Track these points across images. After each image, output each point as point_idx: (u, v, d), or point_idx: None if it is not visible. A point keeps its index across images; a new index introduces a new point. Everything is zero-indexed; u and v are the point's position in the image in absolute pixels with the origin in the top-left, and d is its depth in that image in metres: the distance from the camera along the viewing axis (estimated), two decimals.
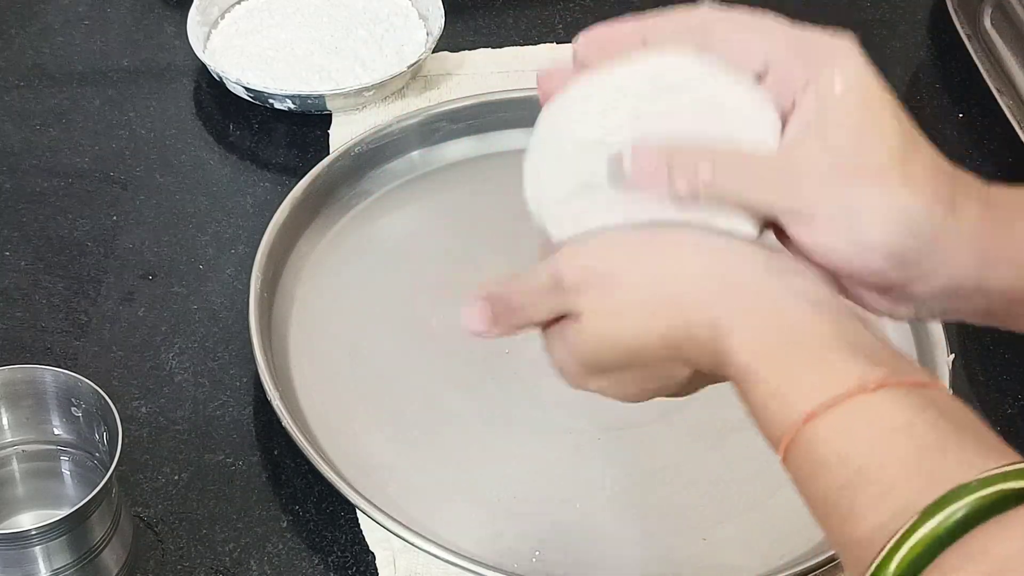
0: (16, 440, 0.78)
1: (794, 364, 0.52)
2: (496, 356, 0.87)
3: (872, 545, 0.47)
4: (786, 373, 0.52)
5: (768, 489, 0.82)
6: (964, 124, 1.08)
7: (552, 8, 1.14)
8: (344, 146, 0.97)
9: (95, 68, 1.06)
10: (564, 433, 0.84)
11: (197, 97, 1.05)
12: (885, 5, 1.17)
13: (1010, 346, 0.91)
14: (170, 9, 1.11)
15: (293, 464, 0.82)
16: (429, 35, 1.06)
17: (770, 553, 0.79)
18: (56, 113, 1.03)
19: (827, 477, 0.50)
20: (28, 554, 0.71)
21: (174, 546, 0.78)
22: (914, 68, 1.13)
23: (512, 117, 1.00)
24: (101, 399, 0.74)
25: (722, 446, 0.84)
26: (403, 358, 0.88)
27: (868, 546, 0.48)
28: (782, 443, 0.51)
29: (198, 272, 0.93)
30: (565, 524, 0.81)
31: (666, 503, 0.82)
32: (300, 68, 1.03)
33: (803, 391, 0.51)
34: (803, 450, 0.51)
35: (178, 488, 0.81)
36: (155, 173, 0.99)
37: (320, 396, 0.85)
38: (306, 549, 0.79)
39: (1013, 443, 0.49)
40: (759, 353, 0.53)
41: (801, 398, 0.51)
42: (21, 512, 0.78)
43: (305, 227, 0.94)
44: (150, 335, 0.89)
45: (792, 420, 0.51)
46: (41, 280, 0.92)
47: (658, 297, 0.55)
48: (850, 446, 0.50)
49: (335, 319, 0.90)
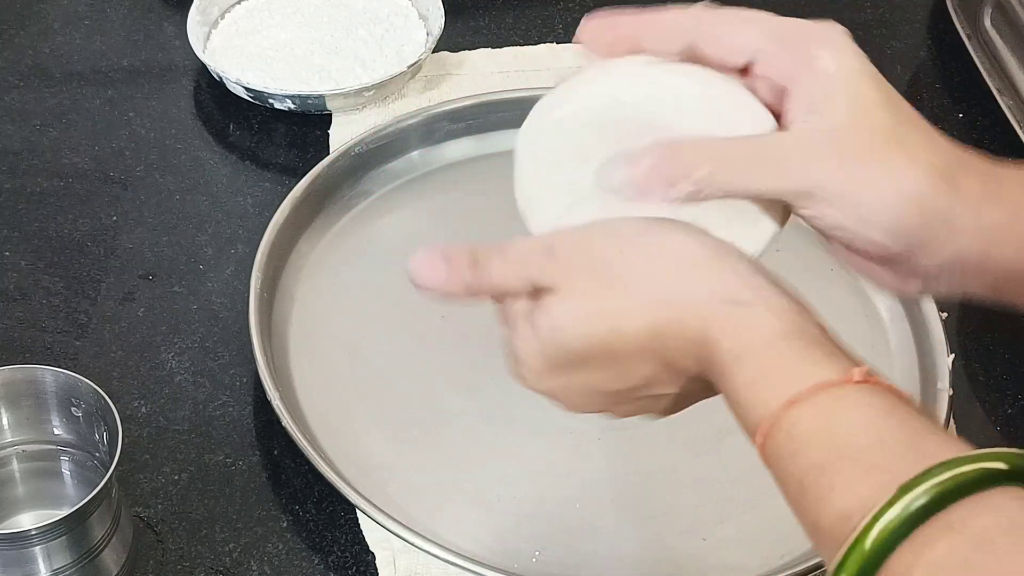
0: (16, 440, 0.78)
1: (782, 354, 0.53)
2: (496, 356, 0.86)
3: (850, 520, 0.48)
4: (773, 362, 0.53)
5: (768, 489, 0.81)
6: (964, 124, 1.08)
7: (552, 8, 1.14)
8: (344, 146, 0.97)
9: (95, 68, 1.06)
10: (564, 433, 0.84)
11: (197, 97, 1.05)
12: (885, 5, 1.17)
13: (1010, 346, 0.91)
14: (170, 9, 1.11)
15: (293, 464, 0.82)
16: (429, 35, 1.06)
17: (770, 553, 0.79)
18: (56, 113, 1.03)
19: (807, 456, 0.51)
20: (28, 554, 0.71)
21: (174, 546, 0.78)
22: (914, 68, 1.13)
23: (512, 117, 1.00)
24: (101, 399, 0.74)
25: (722, 446, 0.84)
26: (403, 358, 0.88)
27: (845, 521, 0.48)
28: (762, 426, 0.52)
29: (198, 272, 0.93)
30: (565, 524, 0.81)
31: (666, 503, 0.82)
32: (300, 68, 1.03)
33: (788, 378, 0.52)
34: (784, 432, 0.52)
35: (178, 488, 0.81)
36: (155, 173, 0.99)
37: (320, 396, 0.85)
38: (306, 549, 0.79)
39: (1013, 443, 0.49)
40: (747, 343, 0.54)
41: (786, 384, 0.52)
42: (21, 512, 0.78)
43: (305, 227, 0.94)
44: (150, 335, 0.89)
45: (777, 403, 0.52)
46: (41, 280, 0.92)
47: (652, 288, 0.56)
48: (833, 427, 0.51)
49: (335, 319, 0.90)
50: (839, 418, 0.51)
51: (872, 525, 0.47)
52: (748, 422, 0.53)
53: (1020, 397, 0.89)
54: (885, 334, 0.91)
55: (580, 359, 0.57)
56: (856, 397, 0.51)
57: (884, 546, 0.47)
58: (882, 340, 0.90)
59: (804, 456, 0.51)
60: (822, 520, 0.50)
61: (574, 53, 1.08)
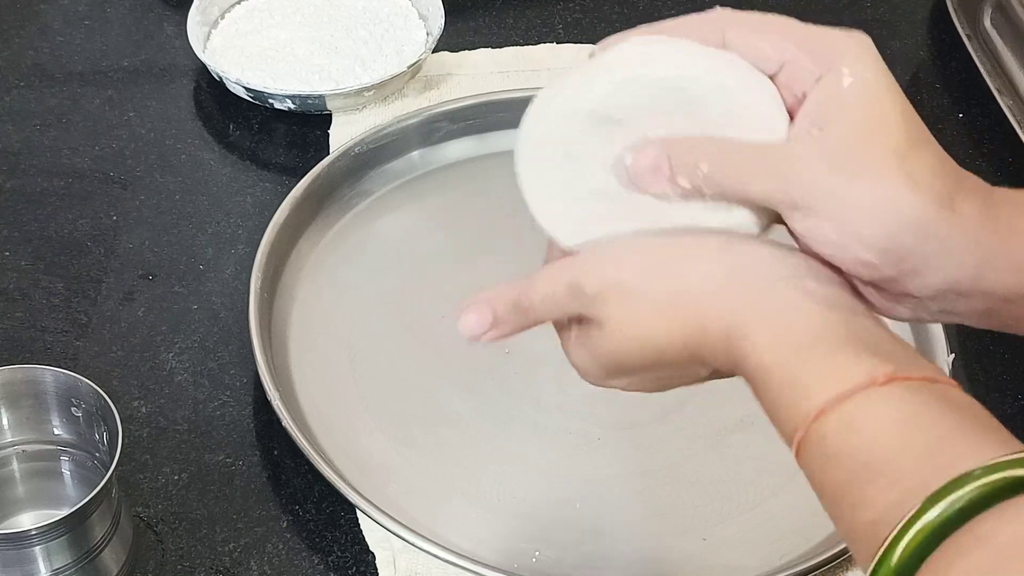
0: (16, 440, 0.78)
1: (806, 363, 0.53)
2: (496, 356, 0.87)
3: (879, 532, 0.48)
4: (797, 373, 0.53)
5: (768, 489, 0.82)
6: (964, 124, 1.08)
7: (552, 8, 1.14)
8: (344, 146, 0.97)
9: (95, 68, 1.06)
10: (564, 433, 0.84)
11: (197, 97, 1.05)
12: (885, 5, 1.17)
13: (1010, 346, 0.91)
14: (170, 9, 1.11)
15: (293, 464, 0.82)
16: (429, 35, 1.06)
17: (770, 553, 0.79)
18: (56, 113, 1.03)
19: (837, 470, 0.51)
20: (28, 554, 0.71)
21: (174, 546, 0.78)
22: (914, 68, 1.13)
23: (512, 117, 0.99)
24: (101, 399, 0.74)
25: (722, 446, 0.84)
26: (403, 358, 0.88)
27: (876, 533, 0.48)
28: (795, 440, 0.52)
29: (198, 272, 0.93)
30: (565, 524, 0.81)
31: (666, 503, 0.82)
32: (300, 68, 1.03)
33: (813, 389, 0.52)
34: (814, 445, 0.51)
35: (178, 488, 0.81)
36: (155, 173, 0.99)
37: (320, 396, 0.85)
38: (306, 549, 0.79)
39: None
40: (772, 354, 0.53)
41: (811, 396, 0.52)
42: (21, 512, 0.78)
43: (305, 227, 0.94)
44: (150, 335, 0.89)
45: (803, 417, 0.52)
46: (41, 280, 0.92)
47: (677, 303, 0.56)
48: (858, 439, 0.50)
49: (335, 319, 0.90)
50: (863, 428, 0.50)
51: (900, 538, 0.47)
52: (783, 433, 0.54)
53: (1020, 397, 0.89)
54: None
55: (639, 369, 0.59)
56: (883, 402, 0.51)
57: (912, 558, 0.47)
58: None
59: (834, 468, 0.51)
60: (855, 532, 0.50)
61: (574, 53, 1.08)
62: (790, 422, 0.53)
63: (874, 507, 0.49)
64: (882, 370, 0.51)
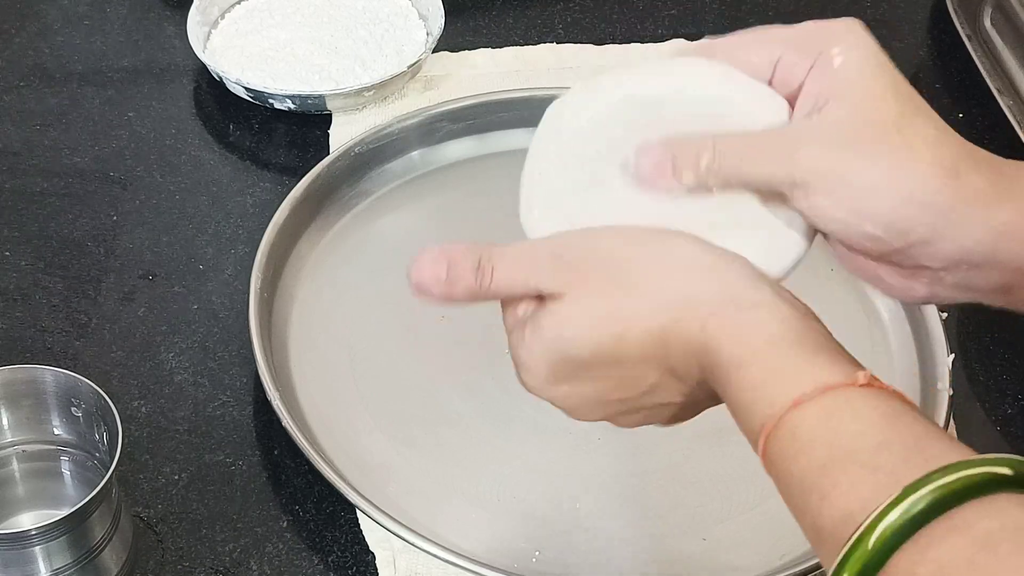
0: (16, 440, 0.78)
1: (785, 358, 0.53)
2: (496, 356, 0.87)
3: (852, 520, 0.48)
4: (775, 365, 0.53)
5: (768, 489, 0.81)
6: (964, 124, 1.08)
7: (552, 8, 1.14)
8: (344, 146, 0.97)
9: (95, 68, 1.06)
10: (564, 433, 0.84)
11: (197, 97, 1.05)
12: (885, 5, 1.17)
13: (1010, 346, 0.91)
14: (170, 9, 1.11)
15: (293, 464, 0.82)
16: (429, 35, 1.06)
17: (770, 553, 0.79)
18: (56, 113, 1.03)
19: (810, 456, 0.51)
20: (28, 554, 0.71)
21: (174, 546, 0.78)
22: (914, 68, 1.13)
23: (512, 117, 1.00)
24: (101, 399, 0.74)
25: (722, 446, 0.84)
26: (403, 358, 0.88)
27: (848, 521, 0.48)
28: (766, 427, 0.52)
29: (198, 272, 0.93)
30: (565, 524, 0.81)
31: (666, 503, 0.82)
32: (300, 68, 1.03)
33: (792, 381, 0.52)
34: (787, 432, 0.52)
35: (178, 488, 0.81)
36: (155, 173, 0.99)
37: (320, 396, 0.85)
38: (306, 549, 0.79)
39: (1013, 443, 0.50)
40: (751, 347, 0.54)
41: (789, 387, 0.52)
42: (21, 512, 0.78)
43: (305, 227, 0.94)
44: (150, 335, 0.89)
45: (780, 405, 0.52)
46: (41, 280, 0.92)
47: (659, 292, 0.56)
48: (838, 427, 0.51)
49: (335, 319, 0.90)
50: (844, 419, 0.51)
51: (876, 524, 0.47)
52: (750, 425, 0.53)
53: (1020, 397, 0.89)
54: (885, 334, 0.91)
55: (584, 367, 0.57)
56: (861, 400, 0.51)
57: (887, 545, 0.47)
58: (882, 340, 0.90)
59: (807, 456, 0.51)
60: (823, 520, 0.50)
61: (574, 53, 1.08)
62: (762, 411, 0.52)
63: (847, 496, 0.49)
64: (861, 373, 0.52)
